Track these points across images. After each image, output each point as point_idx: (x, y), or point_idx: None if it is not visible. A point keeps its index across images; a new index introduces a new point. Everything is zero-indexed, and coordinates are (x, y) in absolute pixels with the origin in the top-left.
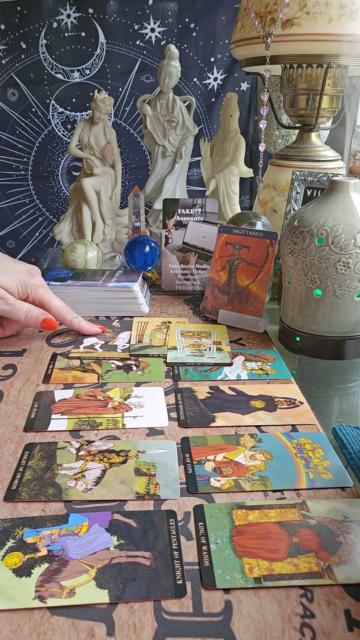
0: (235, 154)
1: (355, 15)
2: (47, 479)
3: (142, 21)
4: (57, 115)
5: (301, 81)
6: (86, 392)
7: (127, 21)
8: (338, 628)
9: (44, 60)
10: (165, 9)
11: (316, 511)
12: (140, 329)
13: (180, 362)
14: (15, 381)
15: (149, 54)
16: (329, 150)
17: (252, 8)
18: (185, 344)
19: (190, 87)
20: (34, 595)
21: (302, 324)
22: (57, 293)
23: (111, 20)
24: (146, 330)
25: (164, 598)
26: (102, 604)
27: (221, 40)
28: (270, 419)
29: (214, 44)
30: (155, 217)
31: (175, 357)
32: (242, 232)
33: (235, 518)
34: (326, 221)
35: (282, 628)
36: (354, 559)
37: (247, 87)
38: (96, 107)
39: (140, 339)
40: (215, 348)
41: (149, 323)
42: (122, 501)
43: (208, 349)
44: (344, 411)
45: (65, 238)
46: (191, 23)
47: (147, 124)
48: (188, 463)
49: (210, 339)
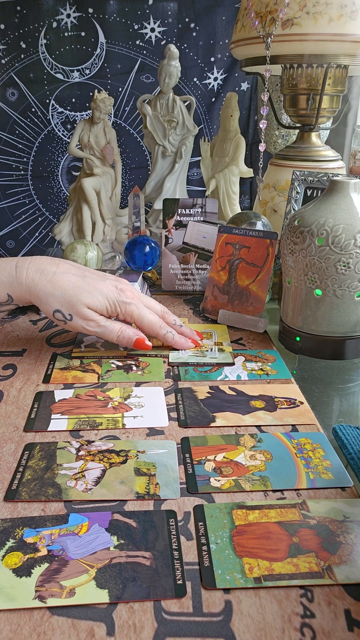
0: (235, 154)
1: (355, 15)
2: (47, 479)
3: (142, 21)
4: (57, 115)
5: (301, 81)
6: (86, 392)
7: (127, 21)
8: (338, 628)
9: (43, 60)
10: (165, 8)
11: (316, 511)
12: None
13: (182, 362)
14: (15, 381)
15: (149, 54)
16: (329, 150)
17: (252, 8)
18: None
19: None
20: (34, 595)
21: (302, 324)
22: None
23: (111, 20)
24: None
25: (164, 598)
26: (102, 604)
27: (221, 40)
28: (270, 419)
29: (214, 44)
30: (155, 217)
31: (177, 358)
32: (242, 232)
33: (235, 518)
34: (326, 221)
35: (282, 628)
36: (354, 559)
37: (247, 87)
38: (96, 107)
39: None
40: (217, 349)
41: None
42: (122, 501)
43: (210, 349)
44: (344, 411)
45: (65, 238)
46: (191, 23)
47: (147, 124)
48: (188, 463)
49: (212, 340)
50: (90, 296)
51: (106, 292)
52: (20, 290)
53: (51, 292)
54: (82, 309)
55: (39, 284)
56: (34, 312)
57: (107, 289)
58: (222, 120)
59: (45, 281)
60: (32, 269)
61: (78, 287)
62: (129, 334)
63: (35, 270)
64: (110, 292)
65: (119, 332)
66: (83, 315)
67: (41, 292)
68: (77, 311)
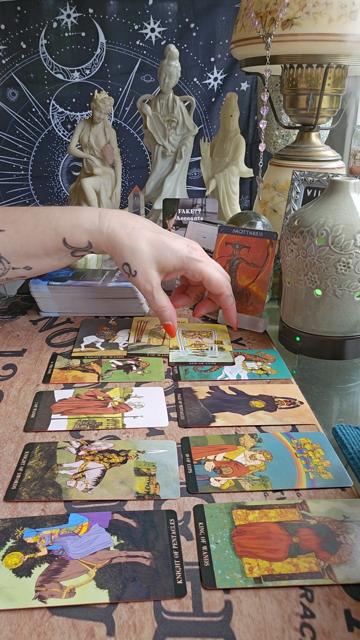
0: (235, 154)
1: (355, 15)
2: (47, 479)
3: (142, 21)
4: (57, 115)
5: (301, 81)
6: (86, 392)
7: (127, 21)
8: (338, 628)
9: (44, 60)
10: (165, 9)
11: (316, 511)
12: (140, 328)
13: (183, 362)
14: (15, 381)
15: (149, 54)
16: (329, 150)
17: (252, 8)
18: (187, 344)
19: (190, 87)
20: (34, 595)
21: (302, 324)
22: (58, 293)
23: (111, 20)
24: (145, 329)
25: (164, 598)
26: (102, 604)
27: (221, 40)
28: (270, 419)
29: (214, 44)
30: (155, 217)
31: (177, 357)
32: (242, 232)
33: (235, 518)
34: (326, 221)
35: (282, 628)
36: (354, 559)
37: (247, 87)
38: (96, 107)
39: (139, 338)
40: (217, 347)
41: (148, 322)
42: (122, 501)
43: (210, 348)
44: (344, 411)
45: None
46: (191, 23)
47: (147, 124)
48: (188, 463)
49: (212, 339)
50: (161, 253)
51: (177, 249)
52: (100, 239)
53: (127, 244)
54: (148, 269)
55: (118, 235)
56: (34, 312)
57: (179, 246)
58: (222, 120)
59: (123, 234)
60: (114, 220)
61: (152, 244)
62: (170, 314)
63: (116, 222)
64: (182, 249)
65: (162, 308)
66: (146, 276)
67: (118, 243)
68: (143, 269)
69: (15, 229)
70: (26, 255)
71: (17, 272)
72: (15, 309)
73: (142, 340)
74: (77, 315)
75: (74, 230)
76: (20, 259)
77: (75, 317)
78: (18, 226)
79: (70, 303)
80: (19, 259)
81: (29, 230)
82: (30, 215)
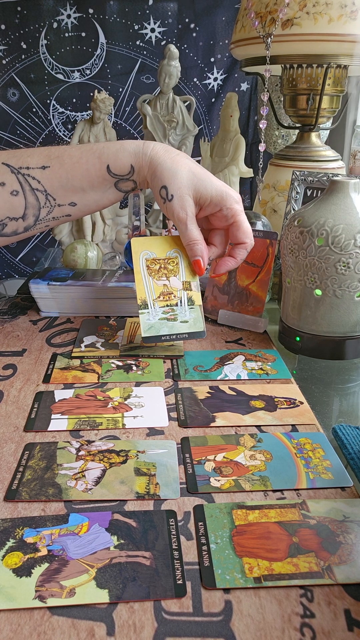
0: (235, 154)
1: (355, 15)
2: (47, 479)
3: (142, 21)
4: (57, 115)
5: (301, 81)
6: (86, 392)
7: (127, 21)
8: (338, 628)
9: (44, 61)
10: (165, 9)
11: (316, 511)
12: (132, 329)
13: (155, 336)
14: (15, 381)
15: (149, 54)
16: (329, 150)
17: (252, 8)
18: (154, 291)
19: (190, 87)
20: (34, 595)
21: (302, 324)
22: (58, 293)
23: (111, 21)
24: (138, 330)
25: (164, 598)
26: (102, 603)
27: (221, 40)
28: (270, 419)
29: (214, 44)
30: (155, 217)
31: (149, 325)
32: None
33: (235, 518)
34: (326, 221)
35: (282, 628)
36: (354, 559)
37: (247, 87)
38: (96, 107)
39: (132, 339)
40: (186, 296)
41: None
42: (122, 501)
43: (179, 300)
44: (344, 411)
45: (65, 238)
46: (191, 23)
47: (147, 124)
48: (188, 463)
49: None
50: (201, 182)
51: (218, 185)
52: (143, 161)
53: (169, 167)
54: (185, 194)
55: (161, 158)
56: (34, 312)
57: (219, 183)
58: (222, 121)
59: (167, 157)
60: (158, 146)
61: (193, 172)
62: (200, 249)
63: (160, 147)
64: (221, 186)
65: (194, 240)
66: (182, 202)
67: (159, 165)
68: (180, 195)
69: (60, 163)
70: (72, 188)
71: (63, 209)
72: (15, 309)
73: (136, 341)
74: (77, 315)
75: (117, 155)
76: (66, 193)
77: (75, 317)
78: (63, 160)
79: (70, 303)
80: (65, 194)
81: (73, 162)
82: (75, 149)
